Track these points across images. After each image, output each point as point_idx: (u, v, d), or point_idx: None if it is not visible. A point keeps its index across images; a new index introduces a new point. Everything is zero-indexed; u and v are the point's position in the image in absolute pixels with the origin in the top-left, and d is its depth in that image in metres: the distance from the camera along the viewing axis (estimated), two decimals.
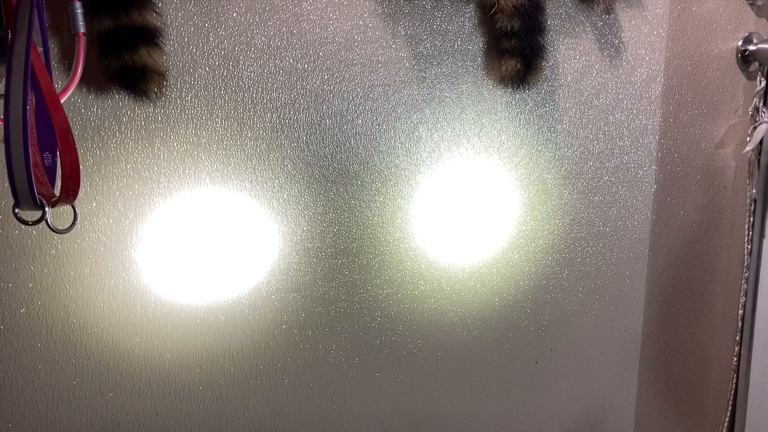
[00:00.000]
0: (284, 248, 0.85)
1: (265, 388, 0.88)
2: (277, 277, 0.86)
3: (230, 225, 0.81)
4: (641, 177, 1.14)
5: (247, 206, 0.82)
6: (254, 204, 0.82)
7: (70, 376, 0.76)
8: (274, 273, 0.85)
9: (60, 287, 0.74)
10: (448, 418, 1.05)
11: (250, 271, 0.84)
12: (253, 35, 0.78)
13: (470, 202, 0.98)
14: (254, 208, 0.82)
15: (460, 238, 0.98)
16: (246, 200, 0.82)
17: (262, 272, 0.85)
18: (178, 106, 0.75)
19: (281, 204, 0.84)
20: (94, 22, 0.66)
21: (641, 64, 1.08)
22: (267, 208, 0.83)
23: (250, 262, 0.83)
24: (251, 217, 0.82)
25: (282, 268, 0.86)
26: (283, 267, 0.86)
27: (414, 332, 0.98)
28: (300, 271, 0.87)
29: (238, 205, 0.81)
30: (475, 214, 0.99)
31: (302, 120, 0.83)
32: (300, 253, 0.87)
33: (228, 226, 0.81)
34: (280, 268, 0.86)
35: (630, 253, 1.17)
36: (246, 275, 0.84)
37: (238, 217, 0.81)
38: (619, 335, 1.20)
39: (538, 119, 1.00)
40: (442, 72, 0.91)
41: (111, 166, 0.74)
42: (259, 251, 0.84)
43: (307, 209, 0.86)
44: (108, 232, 0.75)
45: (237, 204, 0.81)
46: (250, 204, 0.82)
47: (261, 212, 0.83)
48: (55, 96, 0.60)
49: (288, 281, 0.86)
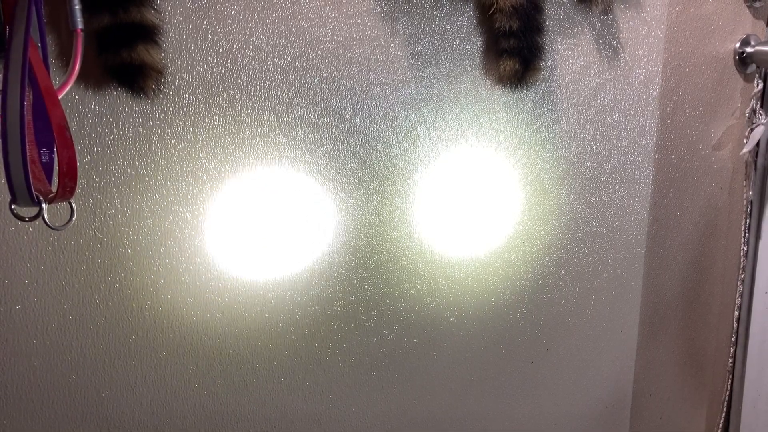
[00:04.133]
0: (280, 247, 0.85)
1: (260, 387, 0.88)
2: (273, 275, 0.86)
3: (227, 222, 0.81)
4: (638, 178, 1.14)
5: (243, 204, 0.82)
6: (251, 202, 0.82)
7: (65, 372, 0.76)
8: (269, 271, 0.85)
9: (56, 284, 0.74)
10: (444, 417, 1.05)
11: (245, 269, 0.84)
12: (251, 33, 0.78)
13: (467, 201, 0.98)
14: (251, 206, 0.82)
15: (457, 238, 0.98)
16: (243, 199, 0.81)
17: (257, 271, 0.85)
18: (175, 103, 0.75)
19: (278, 202, 0.84)
20: (92, 19, 0.66)
21: (639, 65, 1.08)
22: (264, 207, 0.83)
23: (245, 261, 0.83)
24: (247, 215, 0.82)
25: (278, 266, 0.86)
26: (279, 266, 0.86)
27: (410, 332, 0.98)
28: (296, 270, 0.87)
29: (235, 204, 0.81)
30: (473, 214, 0.99)
31: (300, 118, 0.83)
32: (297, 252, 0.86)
33: (224, 224, 0.81)
34: (276, 266, 0.85)
35: (626, 254, 1.17)
36: (241, 273, 0.84)
37: (234, 215, 0.81)
38: (615, 336, 1.20)
39: (536, 119, 1.00)
40: (440, 71, 0.91)
41: (108, 162, 0.73)
42: (255, 249, 0.84)
43: (304, 208, 0.86)
44: (105, 229, 0.75)
45: (233, 202, 0.81)
46: (247, 202, 0.82)
47: (257, 210, 0.83)
48: (52, 92, 0.60)
49: (284, 280, 0.86)
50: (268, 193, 0.83)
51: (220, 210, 0.80)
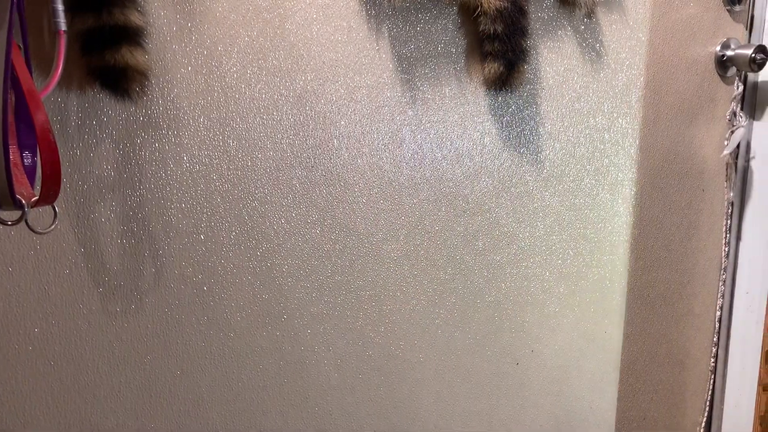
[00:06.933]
0: (266, 249, 0.85)
1: (246, 391, 0.88)
2: (258, 278, 0.85)
3: (211, 225, 0.80)
4: (621, 180, 1.15)
5: (228, 207, 0.81)
6: (236, 205, 0.82)
7: (49, 379, 0.75)
8: (256, 274, 0.85)
9: (39, 289, 0.73)
10: (429, 419, 1.05)
11: (231, 272, 0.83)
12: (236, 35, 0.77)
13: (452, 203, 0.98)
14: (236, 209, 0.82)
15: (443, 240, 0.99)
16: (227, 201, 0.81)
17: (243, 273, 0.84)
18: (160, 105, 0.75)
19: (263, 205, 0.83)
20: (75, 20, 0.65)
21: (622, 69, 1.09)
22: (248, 209, 0.83)
23: (231, 263, 0.83)
24: (233, 218, 0.82)
25: (264, 269, 0.85)
26: (265, 268, 0.85)
27: (396, 334, 0.98)
28: (282, 273, 0.87)
29: (220, 207, 0.81)
30: (458, 216, 0.99)
31: (285, 121, 0.82)
32: (282, 254, 0.86)
33: (209, 227, 0.80)
34: (262, 268, 0.85)
35: (610, 255, 1.18)
36: (227, 277, 0.83)
37: (219, 218, 0.81)
38: (599, 336, 1.21)
39: (521, 122, 1.01)
40: (425, 74, 0.91)
41: (91, 166, 0.73)
42: (241, 252, 0.83)
43: (290, 210, 0.85)
44: (88, 234, 0.74)
45: (218, 205, 0.80)
46: (232, 205, 0.81)
47: (242, 213, 0.82)
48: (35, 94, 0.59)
49: (270, 282, 0.86)
50: (250, 195, 0.82)
51: (201, 211, 0.80)
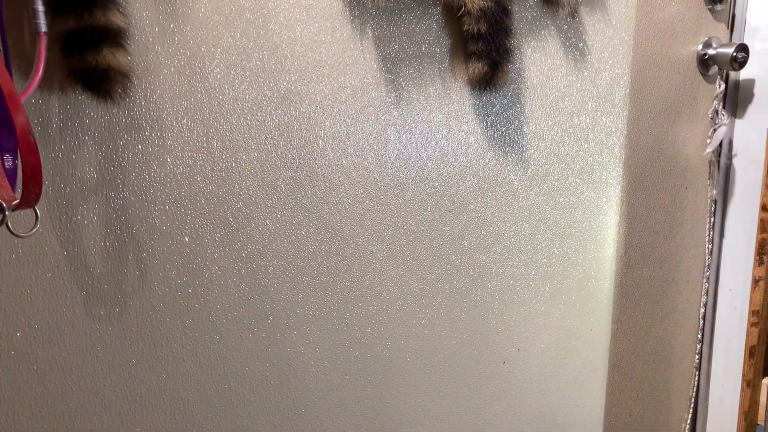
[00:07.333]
0: (252, 251, 0.85)
1: (232, 393, 0.87)
2: (244, 279, 0.85)
3: (195, 228, 0.80)
4: (606, 178, 1.16)
5: (213, 209, 0.81)
6: (220, 207, 0.81)
7: (31, 384, 0.75)
8: (241, 276, 0.84)
9: (20, 293, 0.72)
10: (416, 419, 1.05)
11: (216, 274, 0.83)
12: (219, 36, 0.77)
13: (438, 203, 0.98)
14: (220, 210, 0.81)
15: (429, 240, 0.99)
16: (212, 203, 0.81)
17: (229, 275, 0.84)
18: (142, 107, 0.74)
19: (248, 206, 0.83)
20: (56, 21, 0.64)
21: (605, 68, 1.09)
22: (233, 210, 0.82)
23: (216, 265, 0.82)
24: (217, 220, 0.81)
25: (249, 270, 0.85)
26: (251, 270, 0.85)
27: (383, 334, 0.98)
28: (268, 274, 0.86)
29: (204, 208, 0.80)
30: (443, 216, 0.99)
31: (270, 122, 0.82)
32: (268, 256, 0.86)
33: (193, 229, 0.80)
34: (247, 270, 0.85)
35: (595, 253, 1.19)
36: (212, 279, 0.83)
37: (203, 220, 0.80)
38: (585, 334, 1.22)
39: (505, 121, 1.01)
40: (409, 74, 0.91)
41: (73, 168, 0.72)
42: (226, 254, 0.83)
43: (275, 211, 0.85)
44: (71, 236, 0.73)
45: (202, 207, 0.80)
46: (216, 207, 0.81)
47: (227, 215, 0.82)
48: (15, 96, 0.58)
49: (256, 284, 0.86)
50: (235, 196, 0.82)
51: (186, 213, 0.79)
